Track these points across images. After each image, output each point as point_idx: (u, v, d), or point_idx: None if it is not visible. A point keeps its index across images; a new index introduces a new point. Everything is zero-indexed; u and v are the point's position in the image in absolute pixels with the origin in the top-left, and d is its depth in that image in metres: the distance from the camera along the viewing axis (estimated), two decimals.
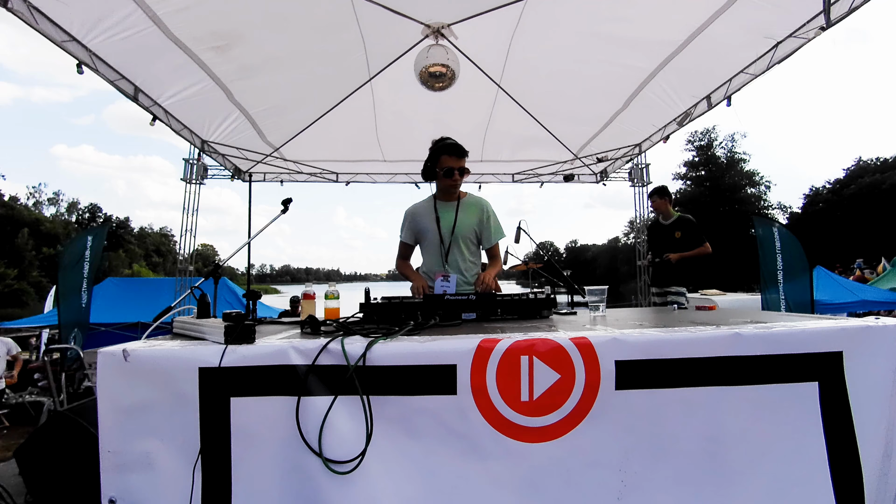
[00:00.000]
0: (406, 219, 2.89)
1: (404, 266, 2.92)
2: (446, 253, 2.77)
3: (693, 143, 41.38)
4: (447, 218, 2.78)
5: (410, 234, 2.88)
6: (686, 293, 4.80)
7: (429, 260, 2.85)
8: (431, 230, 2.79)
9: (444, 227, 2.77)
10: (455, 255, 2.78)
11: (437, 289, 2.66)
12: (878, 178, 32.23)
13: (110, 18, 3.30)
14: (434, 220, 2.78)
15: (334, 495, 1.38)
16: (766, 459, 1.48)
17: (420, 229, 2.83)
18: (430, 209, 2.82)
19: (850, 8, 3.04)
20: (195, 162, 6.70)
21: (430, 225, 2.80)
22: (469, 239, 2.82)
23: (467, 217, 2.81)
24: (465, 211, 2.81)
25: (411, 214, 2.87)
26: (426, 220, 2.81)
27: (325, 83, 4.92)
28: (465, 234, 2.79)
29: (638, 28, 3.82)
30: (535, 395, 1.45)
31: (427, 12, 3.70)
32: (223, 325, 1.48)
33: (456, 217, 2.77)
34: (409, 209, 2.90)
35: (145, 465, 1.41)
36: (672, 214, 4.93)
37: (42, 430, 1.99)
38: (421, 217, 2.83)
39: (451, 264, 2.78)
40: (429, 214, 2.81)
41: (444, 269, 2.77)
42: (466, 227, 2.80)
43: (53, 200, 53.44)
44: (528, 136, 6.11)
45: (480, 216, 2.83)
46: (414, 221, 2.85)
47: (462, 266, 2.79)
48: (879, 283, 10.90)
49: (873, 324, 1.57)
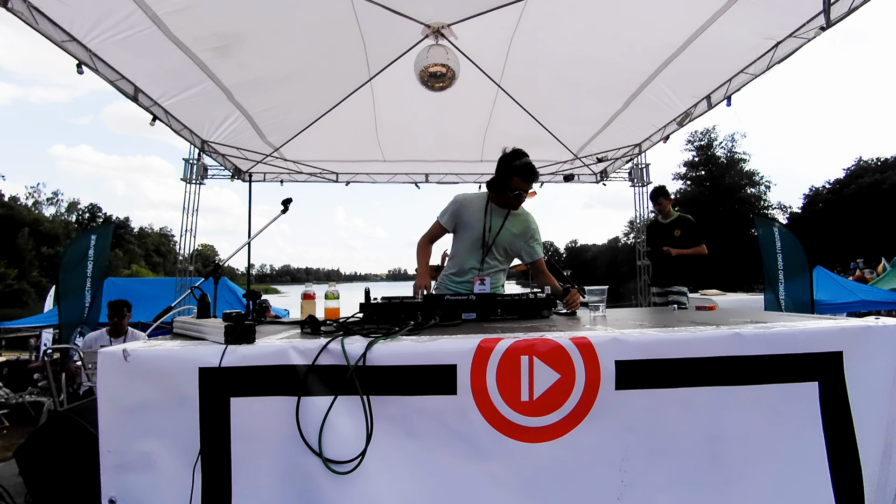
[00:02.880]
0: (454, 204, 2.80)
1: (424, 250, 2.83)
2: (484, 255, 2.76)
3: (693, 143, 41.40)
4: (495, 222, 2.75)
5: (452, 220, 2.80)
6: (688, 293, 4.78)
7: (463, 254, 2.80)
8: (476, 228, 2.75)
9: (490, 230, 2.75)
10: (491, 259, 2.77)
11: (476, 290, 2.65)
12: (878, 178, 32.21)
13: (110, 18, 3.30)
14: (482, 220, 2.75)
15: (334, 495, 1.38)
16: (766, 459, 1.48)
17: (465, 221, 2.78)
18: (482, 207, 2.77)
19: (850, 8, 3.04)
20: (195, 162, 6.70)
21: (476, 222, 2.76)
22: (506, 248, 2.81)
23: (513, 227, 2.79)
24: (512, 221, 2.79)
25: (461, 203, 2.79)
26: (474, 216, 2.76)
27: (325, 83, 4.92)
28: (505, 243, 2.78)
29: (638, 28, 3.82)
30: (536, 395, 1.45)
31: (427, 12, 3.70)
32: (223, 325, 1.48)
33: (503, 224, 2.76)
34: (460, 196, 2.83)
35: (145, 465, 1.41)
36: (672, 214, 4.94)
37: (42, 430, 1.99)
38: (469, 210, 2.78)
39: (485, 268, 2.77)
40: (479, 211, 2.77)
41: (479, 271, 2.76)
42: (508, 237, 2.78)
43: (53, 200, 53.43)
44: (528, 136, 6.10)
45: (526, 231, 2.82)
46: (461, 211, 2.78)
47: (493, 272, 2.78)
48: (879, 283, 10.90)
49: (873, 324, 1.57)
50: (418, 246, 2.84)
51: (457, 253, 2.84)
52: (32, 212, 48.15)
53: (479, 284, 2.63)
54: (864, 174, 34.12)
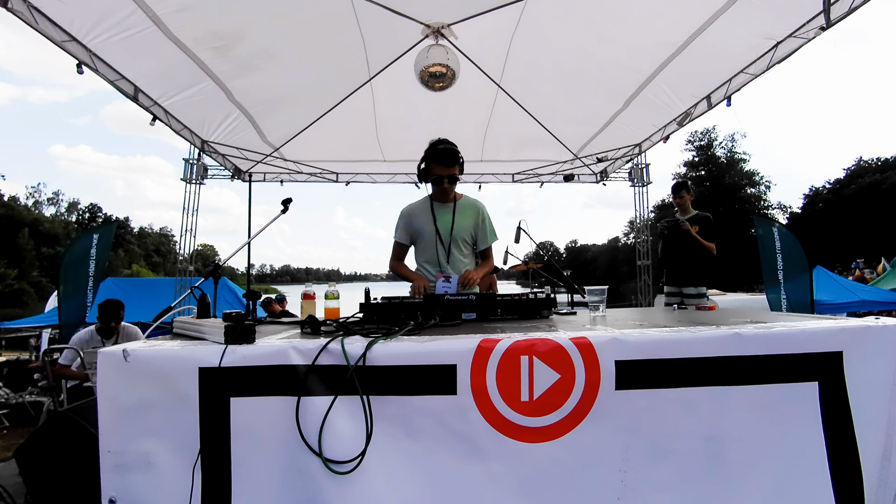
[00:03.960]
0: (402, 219, 2.88)
1: (399, 266, 2.90)
2: (448, 253, 2.78)
3: (693, 143, 41.40)
4: (445, 220, 2.79)
5: (406, 234, 2.87)
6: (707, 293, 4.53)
7: (425, 260, 2.85)
8: (429, 231, 2.79)
9: (443, 229, 2.78)
10: (454, 256, 2.80)
11: (437, 289, 2.67)
12: (878, 178, 32.22)
13: (110, 18, 3.30)
14: (431, 222, 2.78)
15: (334, 495, 1.38)
16: (766, 459, 1.48)
17: (416, 230, 2.83)
18: (427, 210, 2.81)
19: (849, 8, 3.05)
20: (195, 162, 6.70)
21: (427, 226, 2.79)
22: (465, 241, 2.84)
23: (464, 219, 2.82)
24: (461, 213, 2.81)
25: (407, 215, 2.86)
26: (423, 221, 2.81)
27: (325, 83, 4.92)
28: (462, 235, 2.81)
29: (638, 28, 3.82)
30: (535, 395, 1.45)
31: (427, 12, 3.70)
32: (223, 325, 1.48)
33: (453, 219, 2.78)
34: (404, 209, 2.90)
35: (145, 465, 1.41)
36: (691, 210, 4.75)
37: (42, 430, 1.99)
38: (417, 218, 2.83)
39: (450, 265, 2.79)
40: (425, 215, 2.81)
41: (444, 269, 2.78)
42: (463, 229, 2.81)
43: (53, 200, 53.44)
44: (528, 136, 6.11)
45: (476, 219, 2.85)
46: (410, 222, 2.85)
47: (460, 267, 2.80)
48: (879, 283, 10.91)
49: (873, 324, 1.57)
50: (392, 268, 2.91)
51: (421, 261, 2.88)
52: (32, 212, 48.14)
53: (443, 282, 2.64)
54: (864, 174, 34.12)
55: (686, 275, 4.59)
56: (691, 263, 4.55)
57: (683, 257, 4.58)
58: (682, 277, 4.63)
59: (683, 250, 4.57)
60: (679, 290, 4.63)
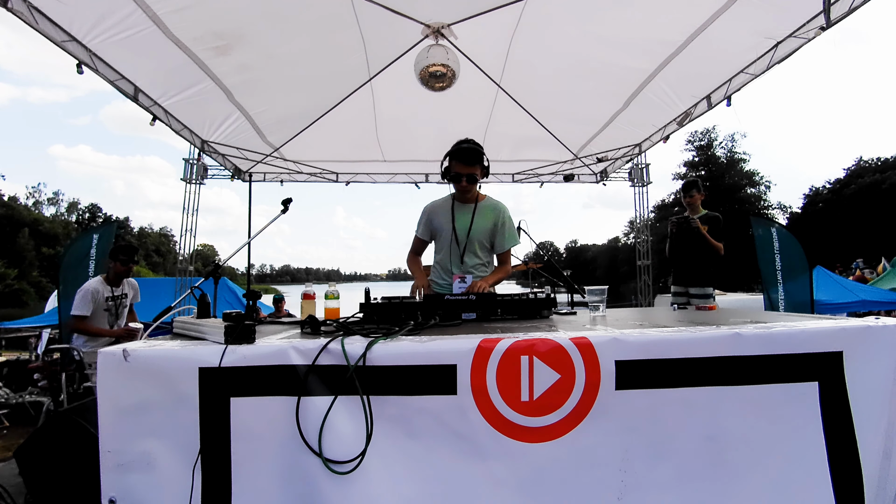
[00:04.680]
0: (424, 215, 2.88)
1: (414, 261, 2.92)
2: (462, 254, 2.77)
3: (693, 143, 41.29)
4: (463, 220, 2.78)
5: (427, 230, 2.88)
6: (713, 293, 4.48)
7: (440, 259, 2.87)
8: (447, 230, 2.79)
9: (460, 229, 2.76)
10: (470, 256, 2.78)
11: (455, 290, 2.67)
12: (878, 178, 32.20)
13: (110, 18, 3.30)
14: (450, 221, 2.78)
15: (334, 495, 1.38)
16: (766, 459, 1.48)
17: (436, 227, 2.83)
18: (448, 209, 2.81)
19: (850, 8, 3.05)
20: (195, 162, 6.70)
21: (446, 225, 2.79)
22: (483, 243, 2.81)
23: (483, 221, 2.79)
24: (481, 214, 2.79)
25: (429, 212, 2.87)
26: (443, 220, 2.81)
27: (325, 83, 4.92)
28: (479, 237, 2.78)
29: (638, 28, 3.82)
30: (536, 395, 1.45)
31: (427, 12, 3.70)
32: (223, 325, 1.48)
33: (472, 220, 2.76)
34: (427, 206, 2.90)
35: (145, 465, 1.41)
36: (700, 210, 4.71)
37: (42, 430, 1.99)
38: (438, 215, 2.83)
39: (465, 266, 2.78)
40: (446, 214, 2.81)
41: (459, 270, 2.77)
42: (481, 231, 2.78)
43: (53, 200, 53.49)
44: (528, 136, 6.11)
45: (496, 221, 2.81)
46: (431, 219, 2.85)
47: (476, 269, 2.79)
48: (879, 283, 10.90)
49: (873, 324, 1.57)
50: (407, 261, 2.93)
51: (439, 257, 2.89)
52: (32, 212, 48.17)
53: (460, 283, 2.64)
54: (864, 174, 34.09)
55: (693, 275, 4.55)
56: (699, 263, 4.51)
57: (691, 257, 4.53)
58: (689, 277, 4.58)
59: (692, 249, 4.52)
60: (685, 289, 4.59)
